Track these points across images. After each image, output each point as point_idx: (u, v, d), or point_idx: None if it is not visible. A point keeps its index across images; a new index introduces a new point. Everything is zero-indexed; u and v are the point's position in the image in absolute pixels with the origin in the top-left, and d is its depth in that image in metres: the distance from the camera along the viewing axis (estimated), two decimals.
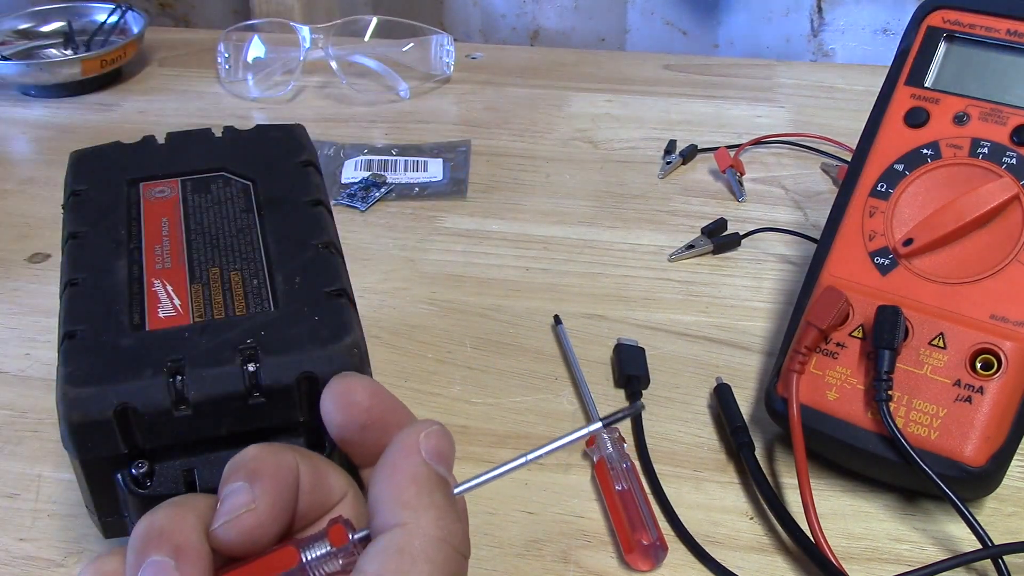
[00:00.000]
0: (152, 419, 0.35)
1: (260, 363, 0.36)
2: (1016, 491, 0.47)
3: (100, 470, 0.36)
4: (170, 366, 0.35)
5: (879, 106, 0.50)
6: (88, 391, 0.35)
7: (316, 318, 0.38)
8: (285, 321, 0.37)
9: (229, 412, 0.36)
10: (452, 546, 0.29)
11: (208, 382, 0.35)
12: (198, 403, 0.35)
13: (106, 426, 0.35)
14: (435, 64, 0.87)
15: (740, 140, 0.76)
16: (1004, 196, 0.45)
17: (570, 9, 1.04)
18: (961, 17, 0.48)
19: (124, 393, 0.35)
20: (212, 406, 0.35)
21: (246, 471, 0.30)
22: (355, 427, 0.33)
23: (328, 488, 0.32)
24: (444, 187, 0.71)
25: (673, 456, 0.49)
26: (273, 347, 0.36)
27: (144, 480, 0.36)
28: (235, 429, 0.36)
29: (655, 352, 0.55)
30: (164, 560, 0.28)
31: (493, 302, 0.59)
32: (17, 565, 0.43)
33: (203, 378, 0.35)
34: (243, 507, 0.29)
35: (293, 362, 0.36)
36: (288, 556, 0.30)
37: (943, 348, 0.44)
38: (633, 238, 0.66)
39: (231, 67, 0.87)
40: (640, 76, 0.88)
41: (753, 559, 0.44)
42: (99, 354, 0.36)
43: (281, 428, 0.38)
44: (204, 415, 0.35)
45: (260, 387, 0.36)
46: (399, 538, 0.28)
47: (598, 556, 0.44)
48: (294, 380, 0.36)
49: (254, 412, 0.36)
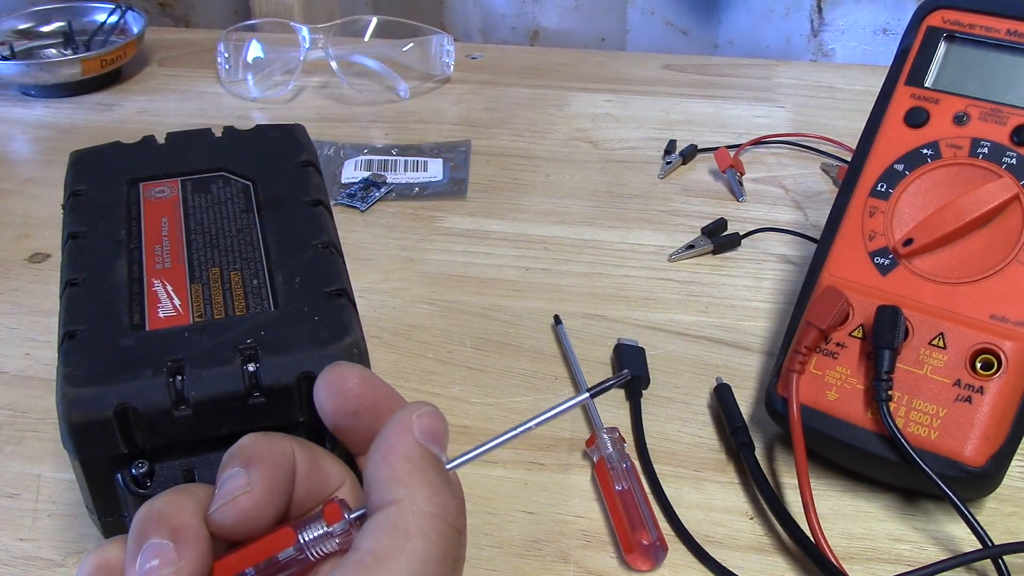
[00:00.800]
0: (152, 419, 0.35)
1: (260, 363, 0.36)
2: (1016, 491, 0.47)
3: (100, 470, 0.36)
4: (170, 366, 0.35)
5: (879, 106, 0.50)
6: (88, 391, 0.35)
7: (316, 318, 0.38)
8: (285, 321, 0.37)
9: (229, 412, 0.36)
10: (446, 522, 0.29)
11: (208, 382, 0.35)
12: (198, 403, 0.35)
13: (106, 426, 0.35)
14: (435, 64, 0.87)
15: (740, 140, 0.76)
16: (1004, 196, 0.45)
17: (570, 9, 1.04)
18: (961, 17, 0.48)
19: (124, 393, 0.35)
20: (212, 406, 0.35)
21: (243, 457, 0.31)
22: (347, 414, 0.33)
23: (324, 475, 0.32)
24: (444, 187, 0.71)
25: (673, 456, 0.49)
26: (273, 347, 0.36)
27: (144, 480, 0.36)
28: (235, 429, 0.36)
29: (655, 352, 0.55)
30: (163, 543, 0.28)
31: (493, 302, 0.59)
32: (17, 565, 0.43)
33: (203, 378, 0.35)
34: (239, 490, 0.30)
35: (293, 362, 0.36)
36: (285, 537, 0.30)
37: (943, 348, 0.44)
38: (633, 238, 0.65)
39: (231, 67, 0.87)
40: (640, 76, 0.88)
41: (753, 559, 0.44)
42: (99, 354, 0.36)
43: (281, 428, 0.37)
44: (204, 415, 0.35)
45: (260, 387, 0.36)
46: (393, 515, 0.29)
47: (598, 556, 0.44)
48: (294, 380, 0.36)
49: (254, 412, 0.36)
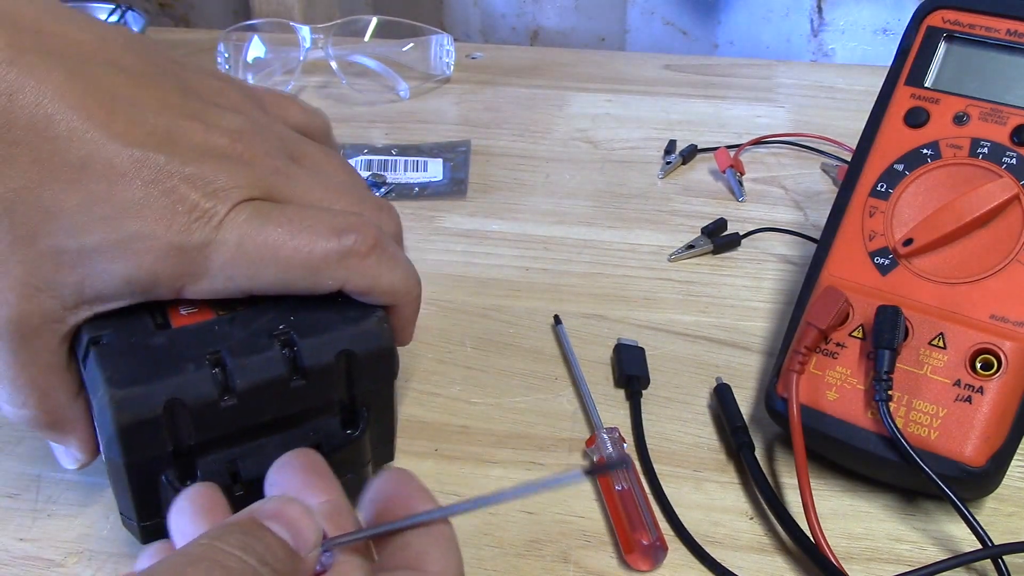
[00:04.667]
0: (199, 412, 0.35)
1: (298, 346, 0.37)
2: (1016, 491, 0.47)
3: (145, 472, 0.36)
4: (211, 358, 0.36)
5: (879, 106, 0.50)
6: (135, 391, 0.35)
7: (339, 299, 0.39)
8: (309, 305, 0.38)
9: (271, 398, 0.37)
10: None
11: (252, 370, 0.36)
12: (243, 392, 0.36)
13: (155, 424, 0.35)
14: (435, 64, 0.87)
15: (740, 140, 0.76)
16: (1004, 196, 0.45)
17: (570, 9, 1.04)
18: (961, 17, 0.48)
19: (171, 389, 0.35)
20: (256, 393, 0.36)
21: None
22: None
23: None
24: (444, 187, 0.71)
25: (673, 456, 0.49)
26: (307, 330, 0.37)
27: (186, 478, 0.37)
28: (276, 414, 0.37)
29: (655, 352, 0.55)
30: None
31: (493, 302, 0.59)
32: (17, 565, 0.42)
33: (247, 366, 0.36)
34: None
35: (330, 341, 0.37)
36: None
37: (943, 348, 0.44)
38: (633, 238, 0.65)
39: (231, 67, 0.87)
40: (640, 76, 0.88)
41: (753, 559, 0.44)
42: (134, 355, 0.36)
43: (319, 409, 0.39)
44: (248, 403, 0.36)
45: (301, 369, 0.37)
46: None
47: (598, 556, 0.44)
48: (333, 359, 0.37)
49: (295, 395, 0.37)
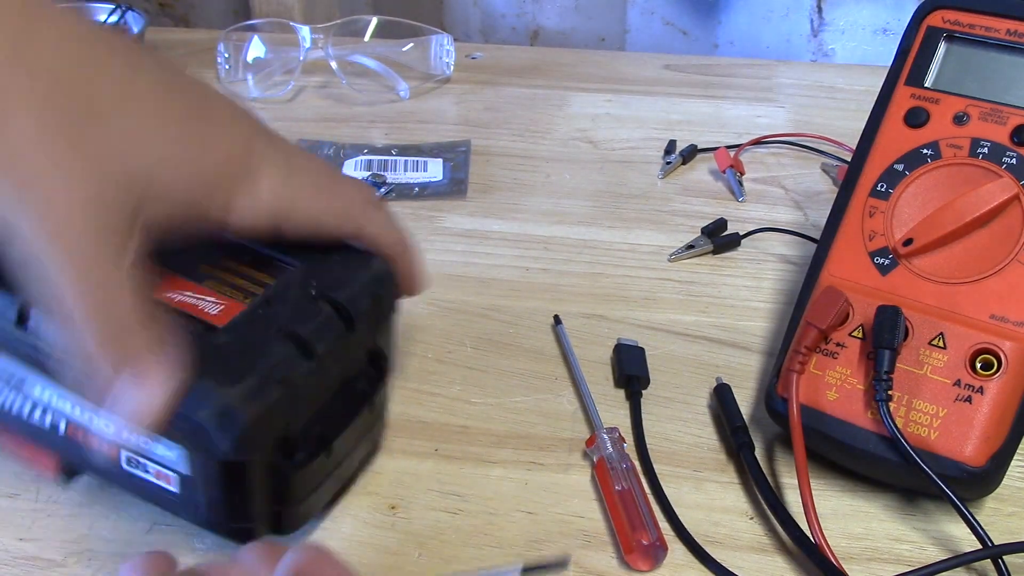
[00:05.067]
0: (294, 388, 0.36)
1: (340, 303, 0.38)
2: (1016, 491, 0.47)
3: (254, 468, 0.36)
4: (283, 335, 0.37)
5: (879, 106, 0.50)
6: (245, 386, 0.34)
7: (337, 257, 0.40)
8: (316, 269, 0.40)
9: (339, 354, 0.39)
10: None
11: (323, 332, 0.37)
12: (322, 355, 0.37)
13: (271, 413, 0.35)
14: (435, 64, 0.87)
15: (740, 140, 0.76)
16: (1004, 196, 0.45)
17: (570, 9, 1.04)
18: (961, 17, 0.48)
19: (274, 371, 0.35)
20: (330, 353, 0.38)
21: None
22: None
23: None
24: (444, 187, 0.71)
25: (673, 456, 0.49)
26: (335, 287, 0.39)
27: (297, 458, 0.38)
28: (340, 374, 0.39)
29: (655, 352, 0.55)
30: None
31: (493, 302, 0.59)
32: (17, 565, 0.42)
33: (317, 331, 0.37)
34: None
35: (360, 289, 0.39)
36: None
37: (943, 348, 0.44)
38: (633, 238, 0.65)
39: (231, 67, 0.87)
40: (640, 76, 0.88)
41: (753, 559, 0.44)
42: (213, 357, 0.35)
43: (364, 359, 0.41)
44: (324, 366, 0.38)
45: (350, 320, 0.39)
46: None
47: (598, 556, 0.44)
48: (370, 303, 0.40)
49: (347, 347, 0.39)
